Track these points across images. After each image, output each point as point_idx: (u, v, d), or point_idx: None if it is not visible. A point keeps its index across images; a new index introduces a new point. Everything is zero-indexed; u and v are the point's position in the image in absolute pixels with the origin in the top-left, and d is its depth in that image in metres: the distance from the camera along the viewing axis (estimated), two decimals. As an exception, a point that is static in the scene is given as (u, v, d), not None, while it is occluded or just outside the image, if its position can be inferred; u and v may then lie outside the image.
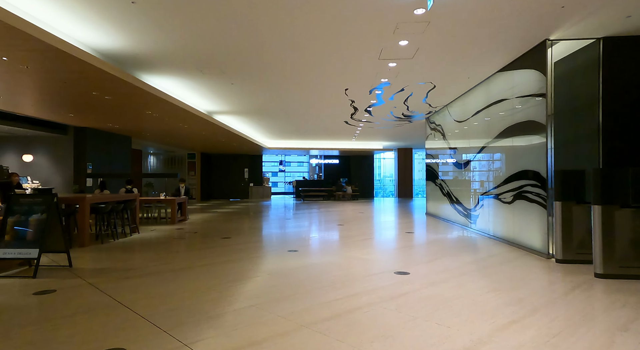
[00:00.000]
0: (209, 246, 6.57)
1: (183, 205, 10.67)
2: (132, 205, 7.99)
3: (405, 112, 11.46)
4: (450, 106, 9.99)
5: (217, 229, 8.94)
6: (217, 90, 8.57)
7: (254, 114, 11.68)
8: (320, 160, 25.72)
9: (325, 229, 9.13)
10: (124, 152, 13.25)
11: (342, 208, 15.36)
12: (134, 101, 7.74)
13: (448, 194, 10.19)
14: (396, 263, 5.17)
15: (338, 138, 18.99)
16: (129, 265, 5.10)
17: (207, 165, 22.04)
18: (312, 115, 12.00)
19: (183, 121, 10.42)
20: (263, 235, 8.03)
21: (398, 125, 14.21)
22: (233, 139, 15.23)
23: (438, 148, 11.22)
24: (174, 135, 13.79)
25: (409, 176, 24.14)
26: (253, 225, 9.82)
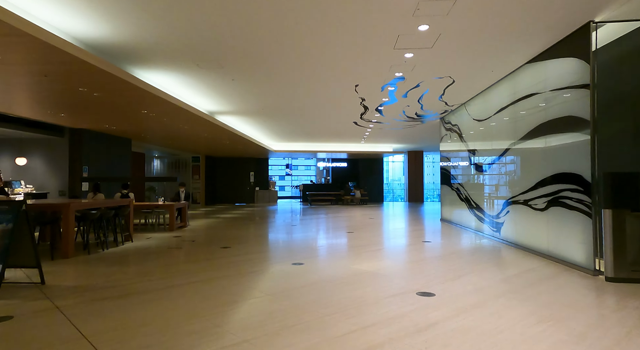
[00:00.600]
0: (206, 257, 5.92)
1: (183, 210, 10.07)
2: (124, 212, 7.39)
3: (419, 112, 10.75)
4: (469, 104, 9.26)
5: (218, 237, 8.30)
6: (218, 88, 7.96)
7: (258, 114, 11.07)
8: (327, 164, 25.06)
9: (333, 236, 8.44)
10: (124, 155, 12.73)
11: (350, 213, 14.65)
12: (127, 98, 7.16)
13: (466, 199, 9.43)
14: (417, 280, 4.46)
15: (346, 140, 18.32)
16: (111, 281, 4.47)
17: (212, 168, 21.51)
18: (320, 115, 11.35)
19: (183, 122, 9.84)
20: (266, 244, 7.36)
21: (410, 126, 13.49)
22: (237, 142, 14.64)
23: (454, 150, 10.48)
24: (176, 138, 13.25)
25: (419, 180, 23.35)
26: (256, 232, 9.16)
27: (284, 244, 7.44)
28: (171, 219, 9.31)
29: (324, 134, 15.94)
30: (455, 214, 10.44)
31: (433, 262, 5.56)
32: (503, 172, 7.37)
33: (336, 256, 6.02)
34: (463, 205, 9.71)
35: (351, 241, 7.59)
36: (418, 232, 9.14)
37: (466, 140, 9.45)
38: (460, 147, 9.85)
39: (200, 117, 9.38)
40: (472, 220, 9.00)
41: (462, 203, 9.82)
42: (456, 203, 10.31)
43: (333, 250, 6.56)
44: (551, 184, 5.60)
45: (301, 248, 6.76)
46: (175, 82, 7.39)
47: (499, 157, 7.47)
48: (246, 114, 11.06)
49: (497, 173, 7.63)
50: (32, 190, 10.24)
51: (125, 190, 9.13)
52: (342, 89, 8.23)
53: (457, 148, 10.14)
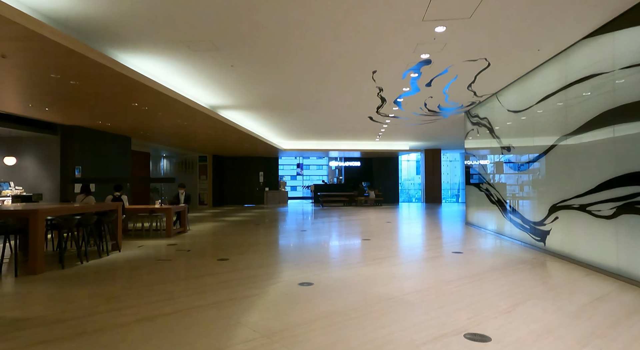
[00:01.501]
0: (196, 274, 4.97)
1: (182, 214, 9.18)
2: (110, 217, 6.51)
3: (442, 104, 9.65)
4: (502, 93, 8.12)
5: (217, 245, 7.37)
6: (216, 77, 7.03)
7: (264, 109, 10.12)
8: (340, 163, 24.03)
9: (348, 246, 7.42)
10: (123, 154, 11.93)
11: (365, 216, 13.60)
12: (110, 88, 6.28)
13: (498, 202, 8.30)
14: (460, 312, 3.41)
15: (360, 138, 17.26)
16: (69, 310, 3.54)
17: (220, 168, 20.70)
18: (332, 109, 10.34)
19: (181, 117, 8.95)
20: (270, 255, 6.39)
21: (430, 122, 12.37)
22: (244, 140, 13.74)
23: (482, 146, 9.34)
24: (178, 136, 12.41)
25: (437, 180, 22.14)
26: (261, 239, 8.20)
27: (291, 254, 6.45)
28: (168, 224, 8.42)
29: (337, 131, 14.92)
30: (483, 217, 9.31)
31: (473, 282, 4.50)
32: (548, 170, 6.24)
33: (352, 273, 5.00)
34: (494, 208, 8.57)
35: (368, 252, 6.56)
36: (443, 239, 8.04)
37: (498, 135, 8.31)
38: (491, 143, 8.71)
39: (199, 111, 8.47)
40: (505, 226, 7.87)
41: (492, 206, 8.68)
42: (485, 205, 9.18)
43: (347, 265, 5.54)
44: (622, 185, 4.48)
45: (310, 261, 5.76)
46: (167, 71, 6.47)
47: (543, 153, 6.34)
48: (251, 109, 10.13)
49: (540, 172, 6.50)
50: (21, 192, 9.50)
51: (117, 193, 8.28)
52: (358, 77, 7.20)
53: (487, 144, 9.00)
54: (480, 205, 9.61)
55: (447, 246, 7.06)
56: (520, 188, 7.35)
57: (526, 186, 7.06)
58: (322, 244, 7.44)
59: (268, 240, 7.97)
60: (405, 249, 6.93)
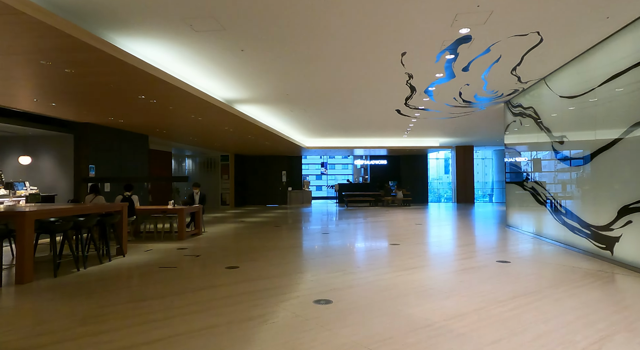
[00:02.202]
0: (198, 285, 4.32)
1: (197, 215, 8.64)
2: (113, 219, 5.99)
3: (480, 93, 8.63)
4: (553, 77, 7.06)
5: (230, 250, 6.74)
6: (226, 64, 6.38)
7: (282, 102, 9.44)
8: (365, 161, 23.12)
9: (373, 251, 6.59)
10: (140, 153, 11.58)
11: (392, 217, 12.68)
12: (111, 77, 5.74)
13: (548, 202, 7.23)
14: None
15: (387, 134, 16.33)
16: (32, 336, 2.94)
17: (242, 168, 20.28)
18: (356, 102, 9.52)
19: (194, 111, 8.40)
20: (286, 262, 5.66)
21: (463, 115, 11.31)
22: (264, 136, 13.14)
23: (528, 140, 8.27)
24: (196, 133, 11.94)
25: (469, 178, 20.85)
26: (279, 243, 7.51)
27: (309, 262, 5.71)
28: (180, 226, 7.88)
29: (362, 127, 14.08)
30: (527, 219, 8.23)
31: (532, 303, 3.59)
32: (617, 165, 5.19)
33: (378, 287, 4.20)
34: (541, 209, 7.51)
35: (397, 259, 5.72)
36: (486, 246, 7.07)
37: (547, 126, 7.24)
38: (538, 136, 7.63)
39: (213, 104, 7.88)
40: (556, 229, 6.81)
41: (539, 206, 7.61)
42: (530, 206, 8.11)
43: (373, 276, 4.73)
44: None
45: (331, 270, 5.00)
46: (171, 57, 5.87)
47: (609, 145, 5.29)
48: (269, 103, 9.47)
49: (605, 167, 5.45)
50: (36, 192, 9.24)
51: (128, 193, 7.82)
52: (385, 62, 6.37)
53: (532, 137, 7.93)
54: (523, 205, 8.53)
55: (489, 253, 6.10)
56: (576, 186, 6.29)
57: (585, 184, 6.00)
58: (345, 250, 6.65)
59: (286, 245, 7.27)
60: (439, 256, 6.03)
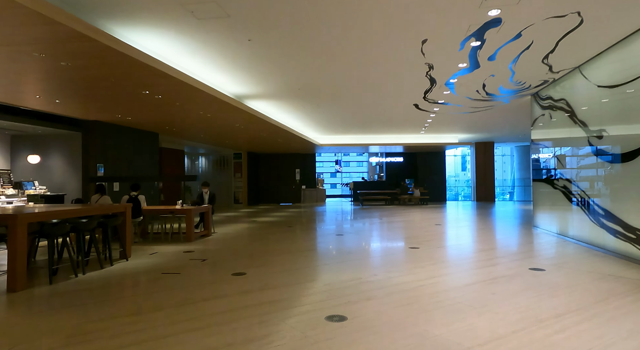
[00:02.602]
0: (199, 296, 3.95)
1: (206, 216, 8.32)
2: (116, 221, 5.69)
3: (505, 85, 8.03)
4: (590, 65, 6.43)
5: (239, 253, 6.37)
6: (233, 56, 6.00)
7: (294, 98, 9.02)
8: (381, 159, 22.55)
9: (391, 256, 6.12)
10: (150, 151, 11.36)
11: (410, 216, 12.15)
12: (110, 69, 5.41)
13: (583, 202, 6.62)
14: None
15: (403, 131, 15.76)
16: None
17: (255, 166, 20.00)
18: (372, 96, 9.03)
19: (202, 106, 8.07)
20: (297, 268, 5.25)
21: (486, 109, 10.68)
22: (276, 133, 12.76)
23: (559, 135, 7.64)
24: (204, 129, 11.63)
25: (489, 176, 20.08)
26: (291, 245, 7.11)
27: (322, 269, 5.28)
28: (189, 227, 7.57)
29: (378, 124, 13.56)
30: (558, 220, 7.61)
31: (583, 323, 3.07)
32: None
33: (399, 300, 3.74)
34: (575, 210, 6.89)
35: (419, 266, 5.24)
36: (511, 248, 6.51)
37: (583, 119, 6.61)
38: (571, 130, 7.01)
39: (221, 100, 7.52)
40: (592, 232, 6.20)
41: (572, 206, 7.00)
42: (561, 206, 7.49)
43: (393, 287, 4.28)
44: None
45: (345, 280, 4.56)
46: (173, 49, 5.52)
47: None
48: (281, 99, 9.07)
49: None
50: (45, 192, 9.10)
51: (134, 192, 7.55)
52: (404, 50, 5.87)
53: (564, 132, 7.30)
54: (554, 205, 7.90)
55: (518, 259, 5.56)
56: (618, 185, 5.68)
57: (628, 182, 5.39)
58: (360, 253, 6.20)
59: (298, 247, 6.86)
60: (464, 261, 5.52)
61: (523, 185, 22.32)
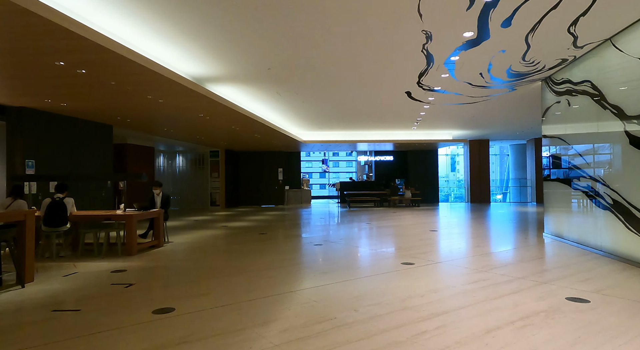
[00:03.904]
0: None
1: (156, 223, 6.84)
2: (6, 235, 4.19)
3: (515, 65, 6.73)
4: (627, 35, 5.14)
5: (181, 274, 4.93)
6: (182, 23, 4.55)
7: (265, 81, 7.59)
8: (370, 158, 21.23)
9: (379, 280, 4.72)
10: (101, 146, 9.79)
11: (401, 221, 10.81)
12: (11, 32, 3.93)
13: (617, 206, 5.33)
14: None
15: (394, 126, 14.45)
16: None
17: (234, 165, 18.49)
18: (358, 80, 7.66)
19: (146, 88, 6.58)
20: (247, 302, 3.83)
21: (486, 99, 9.41)
22: (252, 127, 11.31)
23: (581, 125, 6.38)
24: (163, 121, 10.11)
25: (484, 176, 18.95)
26: (253, 261, 5.67)
27: (284, 301, 3.86)
28: (129, 237, 6.08)
29: (365, 118, 12.20)
30: (580, 227, 6.33)
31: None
32: None
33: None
34: (605, 216, 5.61)
35: (417, 296, 3.87)
36: (531, 266, 5.19)
37: (616, 103, 5.34)
38: (599, 119, 5.73)
39: (169, 79, 6.06)
40: (631, 242, 4.92)
41: (600, 211, 5.72)
42: (584, 211, 6.22)
43: (380, 338, 2.89)
44: None
45: (310, 322, 3.17)
46: (99, 4, 4.05)
47: None
48: (249, 82, 7.63)
49: None
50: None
51: (60, 195, 6.04)
52: (395, 11, 4.50)
53: (589, 121, 6.03)
54: (572, 209, 6.63)
55: (547, 281, 4.23)
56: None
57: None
58: (339, 274, 4.81)
59: (263, 264, 5.43)
60: (476, 287, 4.16)
61: (519, 186, 21.25)
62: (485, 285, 4.13)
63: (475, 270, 4.85)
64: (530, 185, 18.96)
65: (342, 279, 4.50)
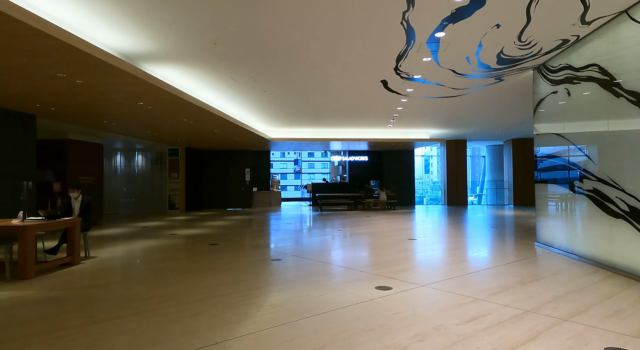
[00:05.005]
0: None
1: (70, 234, 5.40)
2: None
3: (509, 48, 5.75)
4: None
5: (83, 309, 3.58)
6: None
7: (214, 63, 6.31)
8: (344, 158, 20.15)
9: (347, 317, 3.53)
10: (22, 139, 8.17)
11: (376, 227, 9.73)
12: None
13: (632, 214, 4.39)
14: None
15: (368, 124, 13.43)
16: None
17: (196, 164, 16.95)
18: (324, 61, 6.50)
19: (57, 63, 5.16)
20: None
21: (470, 91, 8.46)
22: (208, 121, 9.93)
23: (585, 117, 5.46)
24: (96, 111, 8.60)
25: (461, 178, 18.30)
26: (185, 284, 4.38)
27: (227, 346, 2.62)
28: (23, 255, 4.63)
29: (338, 112, 11.07)
30: (584, 237, 5.40)
31: None
32: None
33: None
34: (615, 223, 4.68)
35: (401, 344, 2.71)
36: (533, 287, 4.14)
37: (636, 88, 4.40)
38: (610, 108, 4.80)
39: (94, 57, 4.68)
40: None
41: (608, 218, 4.79)
42: (589, 217, 5.29)
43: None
44: None
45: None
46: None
47: None
48: (194, 63, 6.33)
49: None
50: None
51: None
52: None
53: (597, 111, 5.10)
54: (574, 216, 5.71)
55: (569, 318, 3.17)
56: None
57: None
58: (292, 308, 3.59)
59: (194, 292, 4.14)
60: (479, 328, 3.04)
61: (495, 188, 20.73)
62: (488, 325, 3.02)
63: (469, 298, 3.75)
64: (508, 188, 18.40)
65: (296, 316, 3.28)
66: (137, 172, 16.45)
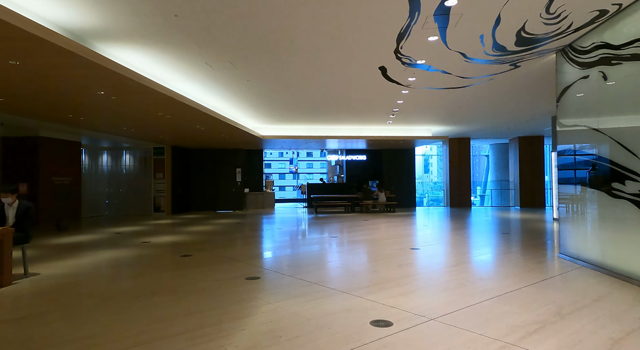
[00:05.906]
0: None
1: (2, 247, 4.41)
2: None
3: (531, 24, 4.77)
4: None
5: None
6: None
7: (180, 43, 5.33)
8: (341, 157, 19.16)
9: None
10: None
11: (375, 233, 8.74)
12: None
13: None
14: None
15: (366, 120, 12.45)
16: None
17: (184, 164, 15.96)
18: (315, 40, 5.52)
19: (9, 53, 4.19)
20: None
21: (481, 80, 7.49)
22: (189, 116, 8.94)
23: (629, 106, 4.49)
24: (56, 103, 7.63)
25: (465, 178, 17.33)
26: (135, 318, 3.41)
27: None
28: None
29: (333, 107, 10.08)
30: (623, 251, 4.43)
31: None
32: None
33: None
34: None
35: None
36: (577, 322, 3.17)
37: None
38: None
39: (21, 29, 3.70)
40: None
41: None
42: (631, 226, 4.32)
43: None
44: None
45: None
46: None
47: None
48: (162, 45, 5.35)
49: None
50: None
51: None
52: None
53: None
54: (610, 225, 4.74)
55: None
56: None
57: None
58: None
59: (131, 326, 3.17)
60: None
61: (499, 189, 19.77)
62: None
63: (496, 341, 2.77)
64: (514, 188, 17.41)
65: (256, 378, 2.30)
66: (122, 173, 15.46)
